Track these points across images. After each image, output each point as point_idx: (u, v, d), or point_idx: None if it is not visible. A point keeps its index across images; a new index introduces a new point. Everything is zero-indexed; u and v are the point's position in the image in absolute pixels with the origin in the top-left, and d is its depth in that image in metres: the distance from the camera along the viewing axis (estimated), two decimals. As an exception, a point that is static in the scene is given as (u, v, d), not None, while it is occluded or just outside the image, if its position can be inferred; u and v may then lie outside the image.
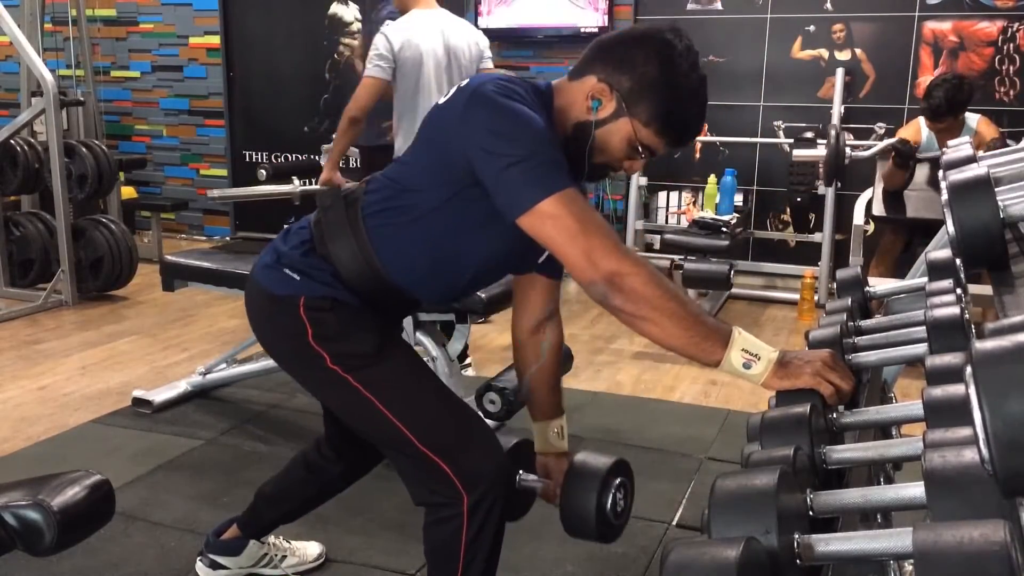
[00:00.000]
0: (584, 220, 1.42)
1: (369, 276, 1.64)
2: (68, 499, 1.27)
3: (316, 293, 1.65)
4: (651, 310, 1.38)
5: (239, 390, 3.57)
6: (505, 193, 1.45)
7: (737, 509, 0.80)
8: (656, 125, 1.53)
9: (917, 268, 1.89)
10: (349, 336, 1.66)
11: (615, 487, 1.74)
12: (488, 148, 1.46)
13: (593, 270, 1.40)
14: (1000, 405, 0.62)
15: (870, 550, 0.77)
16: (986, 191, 1.16)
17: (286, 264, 1.69)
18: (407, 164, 1.66)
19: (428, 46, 3.38)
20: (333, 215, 1.67)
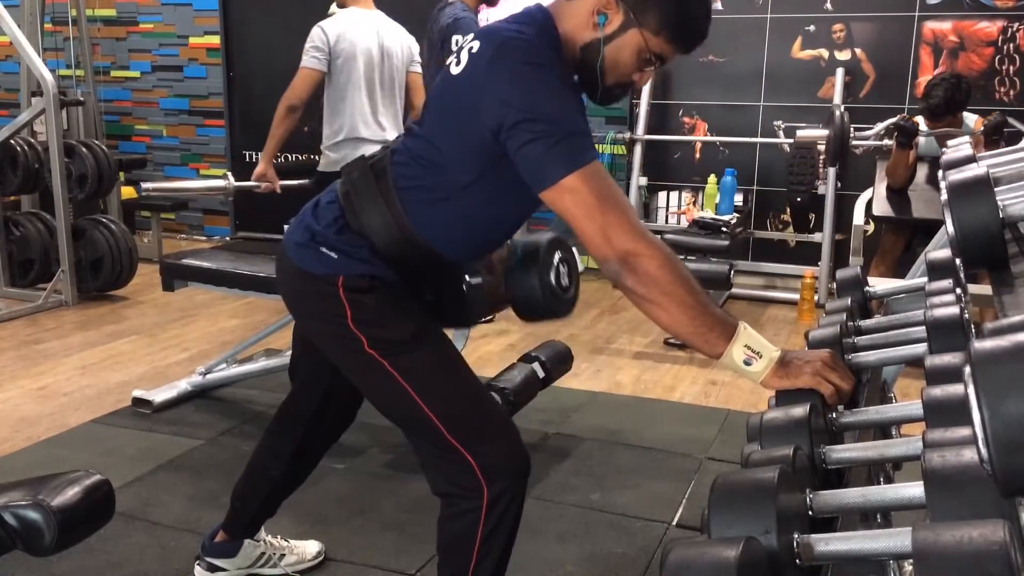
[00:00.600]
0: (604, 196, 1.42)
1: (405, 243, 1.64)
2: (68, 499, 1.27)
3: (355, 271, 1.64)
4: (661, 294, 1.38)
5: (239, 390, 3.57)
6: (529, 168, 1.46)
7: (737, 509, 0.80)
8: (666, 32, 1.51)
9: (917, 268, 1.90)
10: (388, 321, 1.66)
11: (555, 263, 1.78)
12: (512, 120, 1.44)
13: (608, 247, 1.40)
14: (999, 405, 0.62)
15: (870, 550, 0.77)
16: (986, 191, 1.16)
17: (321, 242, 1.67)
18: (430, 138, 1.62)
19: (363, 44, 3.54)
20: (363, 185, 1.65)
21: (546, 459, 2.96)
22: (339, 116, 3.62)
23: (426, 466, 1.73)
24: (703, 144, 5.60)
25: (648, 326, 4.54)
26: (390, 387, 1.65)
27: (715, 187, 5.25)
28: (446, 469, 1.67)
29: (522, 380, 2.76)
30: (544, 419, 3.25)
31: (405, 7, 4.55)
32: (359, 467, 2.90)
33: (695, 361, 4.08)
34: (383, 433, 3.07)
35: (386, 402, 1.73)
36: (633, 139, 5.50)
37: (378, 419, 3.03)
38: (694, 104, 5.54)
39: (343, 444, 3.07)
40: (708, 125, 5.56)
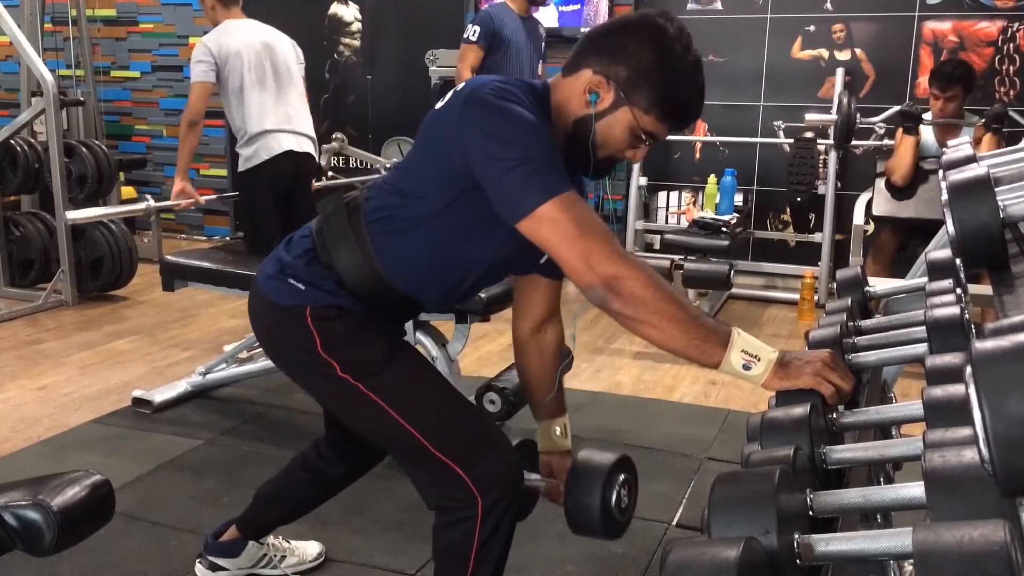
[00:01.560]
0: (582, 224, 1.42)
1: (372, 282, 1.65)
2: (68, 499, 1.27)
3: (321, 302, 1.65)
4: (650, 313, 1.39)
5: (239, 390, 3.57)
6: (504, 198, 1.45)
7: (737, 509, 0.80)
8: (656, 110, 1.53)
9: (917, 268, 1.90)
10: (357, 344, 1.66)
11: (619, 483, 1.74)
12: (486, 152, 1.45)
13: (591, 274, 1.40)
14: (1000, 405, 0.62)
15: (870, 550, 0.77)
16: (986, 191, 1.16)
17: (290, 274, 1.68)
18: (407, 171, 1.65)
19: (244, 46, 3.83)
20: (335, 222, 1.66)
21: (546, 459, 2.96)
22: (241, 116, 3.83)
23: (417, 483, 1.72)
24: (703, 144, 5.60)
25: (648, 326, 4.54)
26: (369, 410, 1.64)
27: (715, 187, 5.25)
28: (437, 484, 1.67)
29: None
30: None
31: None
32: (359, 467, 2.90)
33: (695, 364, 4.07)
34: (383, 433, 3.07)
35: (368, 426, 1.72)
36: (633, 139, 5.49)
37: (378, 419, 3.01)
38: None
39: (343, 444, 3.08)
40: (708, 125, 5.56)
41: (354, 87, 6.31)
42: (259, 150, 3.83)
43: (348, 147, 5.88)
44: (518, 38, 4.36)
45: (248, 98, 3.82)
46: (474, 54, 4.35)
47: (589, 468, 1.74)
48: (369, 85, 6.26)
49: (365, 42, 6.25)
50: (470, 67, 4.36)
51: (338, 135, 5.87)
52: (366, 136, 6.18)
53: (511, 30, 4.34)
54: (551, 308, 1.88)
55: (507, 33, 4.32)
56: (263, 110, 3.84)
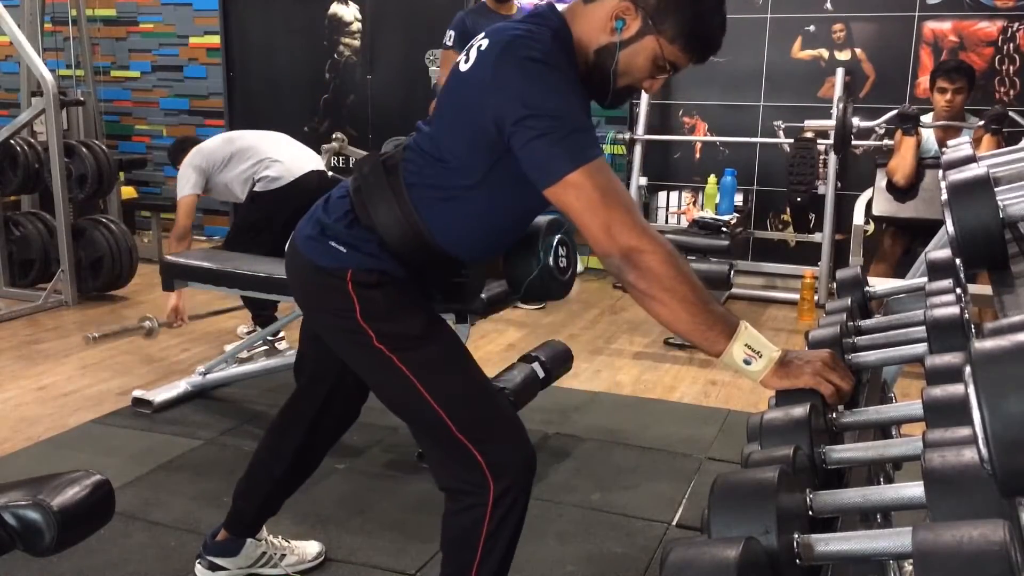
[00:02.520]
0: (607, 192, 1.42)
1: (414, 240, 1.64)
2: (68, 499, 1.27)
3: (363, 265, 1.65)
4: (662, 290, 1.39)
5: (239, 390, 3.57)
6: (533, 163, 1.46)
7: (737, 509, 0.80)
8: (682, 41, 1.52)
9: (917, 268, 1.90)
10: (397, 316, 1.66)
11: (555, 245, 1.80)
12: (517, 116, 1.45)
13: (611, 243, 1.41)
14: (999, 405, 0.62)
15: (870, 550, 0.77)
16: (986, 191, 1.16)
17: (331, 236, 1.68)
18: (439, 137, 1.63)
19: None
20: (374, 181, 1.66)
21: (546, 459, 2.96)
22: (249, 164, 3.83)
23: (432, 461, 1.74)
24: (703, 144, 5.60)
25: (648, 326, 4.54)
26: (398, 382, 1.65)
27: (715, 187, 5.25)
28: (452, 465, 1.68)
29: (522, 380, 2.76)
30: (544, 419, 3.25)
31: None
32: (359, 467, 2.90)
33: (695, 361, 4.08)
34: (383, 433, 3.07)
35: (394, 397, 1.73)
36: (633, 139, 5.50)
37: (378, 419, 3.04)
38: (694, 104, 5.55)
39: (343, 444, 3.07)
40: (708, 125, 5.56)
41: (354, 87, 6.31)
42: (288, 172, 3.80)
43: (348, 147, 5.88)
44: None
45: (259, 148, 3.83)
46: (453, 59, 4.35)
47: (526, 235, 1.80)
48: (369, 85, 6.26)
49: (365, 42, 6.25)
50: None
51: (338, 135, 5.87)
52: (366, 136, 6.18)
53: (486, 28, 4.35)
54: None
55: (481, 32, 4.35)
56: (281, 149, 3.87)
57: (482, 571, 1.69)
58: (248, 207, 3.90)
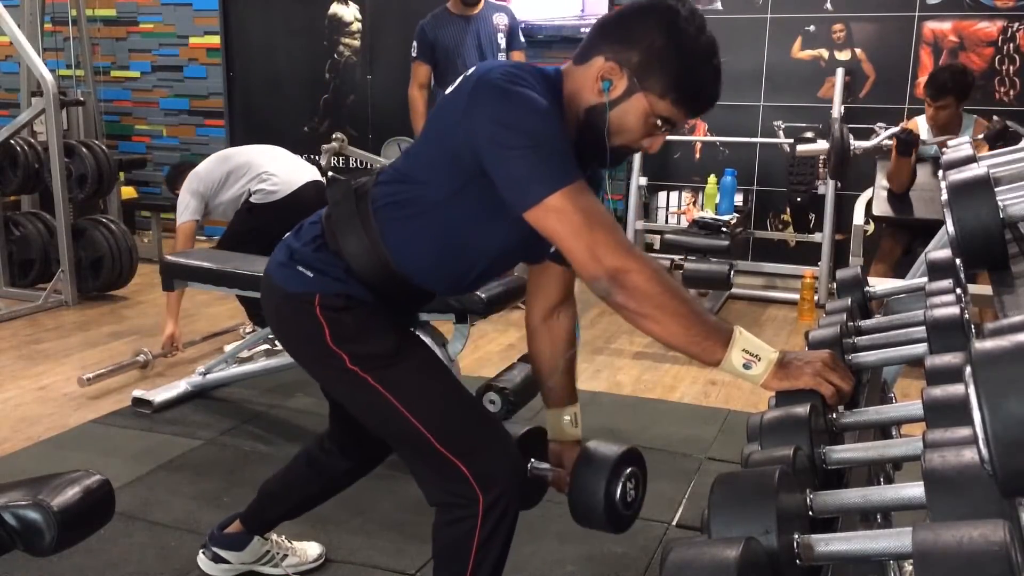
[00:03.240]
0: (589, 215, 1.40)
1: (380, 269, 1.64)
2: (68, 499, 1.27)
3: (330, 290, 1.64)
4: (653, 308, 1.38)
5: (239, 390, 3.57)
6: (511, 186, 1.44)
7: (737, 509, 0.80)
8: (672, 95, 1.49)
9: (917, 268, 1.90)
10: (367, 337, 1.65)
11: (625, 476, 1.72)
12: (494, 139, 1.44)
13: (596, 266, 1.39)
14: (999, 405, 0.62)
15: (870, 550, 0.77)
16: (986, 191, 1.16)
17: (299, 261, 1.68)
18: (414, 156, 1.64)
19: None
20: (344, 208, 1.66)
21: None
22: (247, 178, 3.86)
23: (419, 478, 1.72)
24: (703, 144, 5.60)
25: (648, 326, 4.53)
26: (376, 402, 1.64)
27: (715, 187, 5.25)
28: (439, 480, 1.66)
29: (522, 380, 2.76)
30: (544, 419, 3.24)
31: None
32: (359, 467, 2.90)
33: (695, 361, 4.06)
34: (383, 433, 3.07)
35: (374, 417, 1.72)
36: (633, 139, 5.49)
37: (378, 419, 3.01)
38: (694, 104, 5.54)
39: (343, 444, 3.08)
40: (708, 125, 5.55)
41: (354, 87, 6.31)
42: (285, 185, 3.81)
43: (348, 147, 5.88)
44: (458, 41, 4.30)
45: (253, 163, 3.87)
46: (420, 70, 4.36)
47: (595, 458, 1.73)
48: (369, 85, 6.26)
49: (365, 42, 6.25)
50: (419, 84, 4.38)
51: (338, 135, 5.87)
52: (366, 136, 6.18)
53: (448, 35, 4.30)
54: (563, 294, 1.85)
55: (446, 39, 4.28)
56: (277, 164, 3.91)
57: (480, 569, 1.69)
58: (244, 217, 3.89)
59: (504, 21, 4.45)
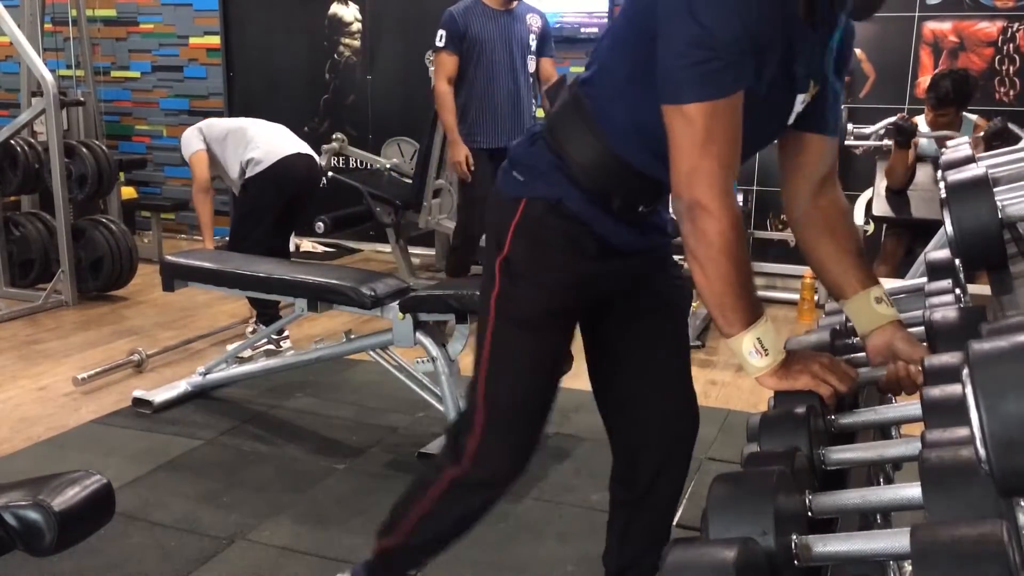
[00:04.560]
0: (711, 139, 1.32)
1: (600, 156, 1.52)
2: (68, 499, 1.27)
3: (539, 194, 1.56)
4: (707, 258, 1.34)
5: (239, 390, 3.57)
6: (664, 73, 1.35)
7: (735, 510, 0.80)
8: None
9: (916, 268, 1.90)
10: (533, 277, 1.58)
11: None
12: (675, 26, 1.33)
13: (685, 188, 1.34)
14: (997, 405, 0.62)
15: (868, 550, 0.77)
16: (984, 191, 1.16)
17: (515, 164, 1.61)
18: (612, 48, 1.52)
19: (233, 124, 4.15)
20: (560, 107, 1.58)
21: (546, 459, 2.96)
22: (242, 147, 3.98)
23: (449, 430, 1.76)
24: (703, 144, 5.59)
25: (648, 326, 4.53)
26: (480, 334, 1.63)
27: (715, 187, 5.24)
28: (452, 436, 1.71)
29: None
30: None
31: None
32: (359, 467, 2.90)
33: (695, 361, 4.06)
34: (383, 433, 3.07)
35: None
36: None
37: (378, 419, 3.03)
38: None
39: (343, 444, 3.08)
40: (708, 125, 5.55)
41: (354, 87, 6.32)
42: (269, 154, 3.92)
43: (348, 147, 5.89)
44: (492, 35, 4.08)
45: (248, 130, 4.02)
46: (447, 61, 4.13)
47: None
48: (369, 85, 6.26)
49: (365, 42, 6.25)
50: (446, 77, 4.15)
51: (338, 135, 5.87)
52: (366, 136, 6.18)
53: (482, 27, 4.07)
54: (825, 170, 1.60)
55: (477, 31, 4.06)
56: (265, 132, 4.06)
57: (416, 534, 1.75)
58: (243, 197, 4.02)
59: (538, 23, 4.27)
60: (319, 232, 4.87)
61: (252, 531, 2.48)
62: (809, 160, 1.59)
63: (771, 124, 1.49)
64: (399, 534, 1.79)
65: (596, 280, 1.62)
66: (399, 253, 5.18)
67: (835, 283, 1.54)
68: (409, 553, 1.84)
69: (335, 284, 2.97)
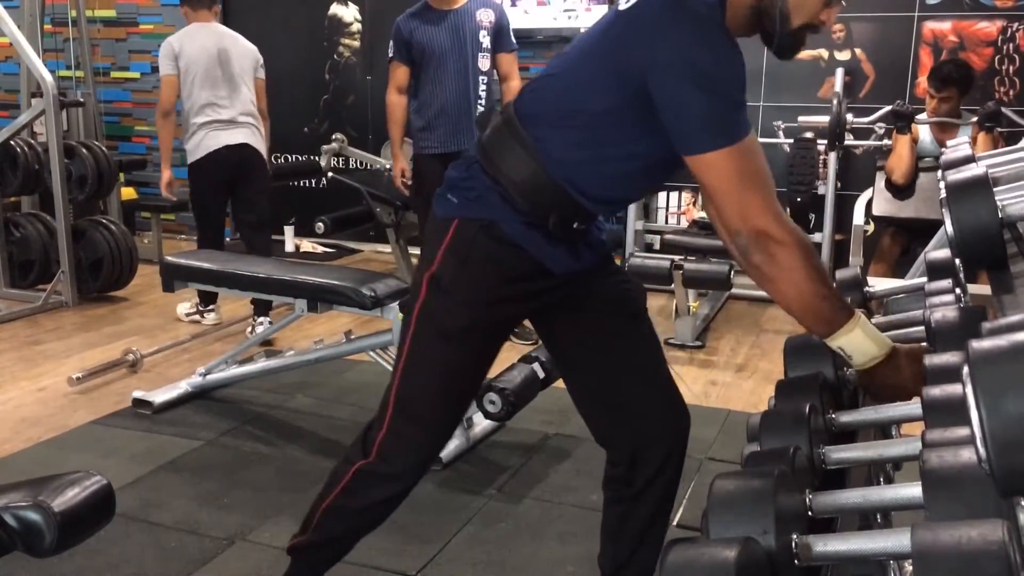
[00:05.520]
0: (746, 176, 1.38)
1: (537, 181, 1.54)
2: (68, 500, 1.27)
3: (472, 214, 1.59)
4: (787, 284, 1.38)
5: (239, 391, 3.57)
6: (677, 127, 1.40)
7: (735, 510, 0.80)
8: None
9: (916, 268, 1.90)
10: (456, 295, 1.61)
11: None
12: (676, 75, 1.38)
13: (741, 223, 1.39)
14: (997, 404, 0.62)
15: (868, 550, 0.77)
16: (984, 191, 1.16)
17: (450, 188, 1.65)
18: (564, 72, 1.56)
19: (199, 48, 4.28)
20: (496, 132, 1.60)
21: (546, 459, 2.96)
22: (186, 111, 4.29)
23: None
24: (703, 144, 5.59)
25: (648, 326, 4.53)
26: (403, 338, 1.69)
27: (715, 187, 5.24)
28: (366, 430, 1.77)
29: (522, 380, 2.76)
30: (544, 419, 3.25)
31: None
32: (359, 468, 2.90)
33: (695, 361, 4.08)
34: (383, 434, 3.07)
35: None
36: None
37: (378, 420, 3.01)
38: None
39: (343, 444, 3.08)
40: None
41: (354, 87, 6.32)
42: (198, 147, 4.25)
43: (348, 148, 5.89)
44: (439, 38, 3.95)
45: (194, 95, 4.24)
46: (397, 72, 4.06)
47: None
48: (369, 86, 6.26)
49: (365, 42, 6.25)
50: (396, 87, 4.08)
51: (338, 136, 5.87)
52: (366, 137, 6.18)
53: (426, 32, 3.95)
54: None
55: (421, 37, 3.95)
56: (204, 106, 4.24)
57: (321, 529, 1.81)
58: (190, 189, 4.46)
59: (490, 18, 4.03)
60: (319, 233, 4.89)
61: (252, 532, 2.48)
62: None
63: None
64: (307, 531, 1.85)
65: (524, 300, 1.66)
66: (399, 253, 5.19)
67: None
68: (317, 550, 1.87)
69: (335, 285, 2.97)
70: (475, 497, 2.68)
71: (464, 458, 2.90)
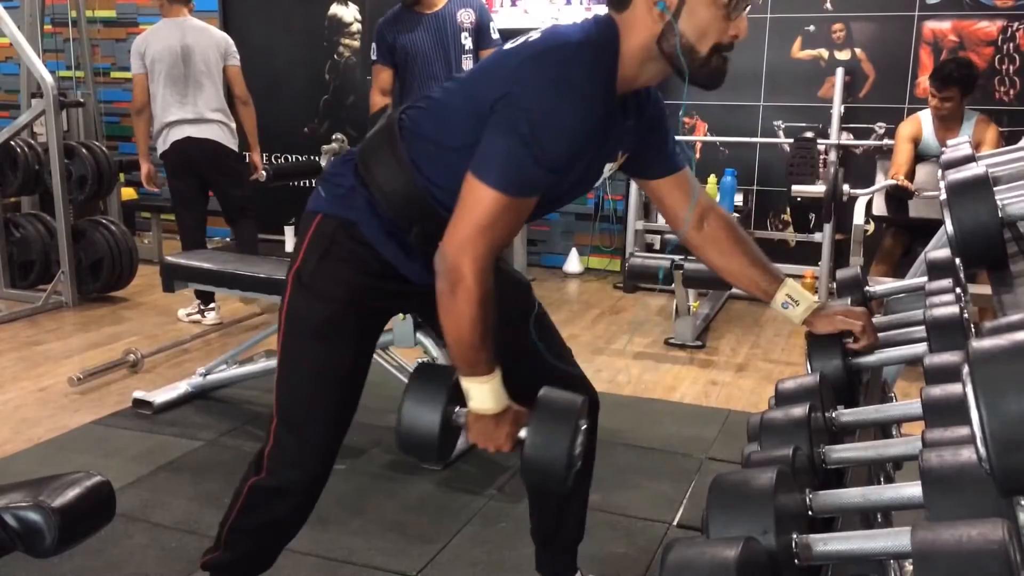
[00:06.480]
0: (494, 226, 1.40)
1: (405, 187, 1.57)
2: (68, 500, 1.27)
3: (335, 212, 1.62)
4: (455, 322, 1.43)
5: (240, 391, 3.57)
6: (482, 152, 1.42)
7: (735, 509, 0.80)
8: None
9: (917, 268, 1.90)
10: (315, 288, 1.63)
11: (582, 431, 1.49)
12: (512, 111, 1.39)
13: (453, 253, 1.41)
14: (997, 404, 0.62)
15: (868, 550, 0.77)
16: (985, 190, 1.16)
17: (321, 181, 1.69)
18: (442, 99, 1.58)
19: (164, 47, 4.35)
20: (375, 135, 1.63)
21: (546, 459, 2.96)
22: (155, 109, 4.41)
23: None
24: (703, 144, 5.60)
25: (648, 326, 4.54)
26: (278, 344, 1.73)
27: (715, 187, 5.25)
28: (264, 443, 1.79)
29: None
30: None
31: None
32: (359, 467, 2.90)
33: (695, 361, 4.08)
34: (383, 433, 3.07)
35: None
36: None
37: (378, 419, 3.03)
38: (694, 104, 5.54)
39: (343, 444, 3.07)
40: (708, 125, 5.55)
41: (354, 88, 6.32)
42: (165, 140, 4.38)
43: (348, 148, 5.88)
44: (421, 42, 3.95)
45: (160, 94, 4.36)
46: (380, 74, 4.06)
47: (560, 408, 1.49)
48: (369, 86, 6.26)
49: (365, 42, 6.24)
50: (379, 90, 4.10)
51: (338, 136, 5.83)
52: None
53: (408, 36, 3.95)
54: (697, 196, 1.73)
55: (404, 41, 3.95)
56: (169, 104, 4.35)
57: (229, 547, 1.82)
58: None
59: (471, 18, 4.01)
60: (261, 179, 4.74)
61: (252, 532, 2.48)
62: (676, 199, 1.73)
63: (580, 187, 1.63)
64: (217, 548, 1.84)
65: (383, 297, 1.69)
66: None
67: (754, 290, 1.73)
68: (229, 567, 1.85)
69: (335, 285, 2.97)
70: (475, 497, 2.68)
71: (464, 458, 2.90)
